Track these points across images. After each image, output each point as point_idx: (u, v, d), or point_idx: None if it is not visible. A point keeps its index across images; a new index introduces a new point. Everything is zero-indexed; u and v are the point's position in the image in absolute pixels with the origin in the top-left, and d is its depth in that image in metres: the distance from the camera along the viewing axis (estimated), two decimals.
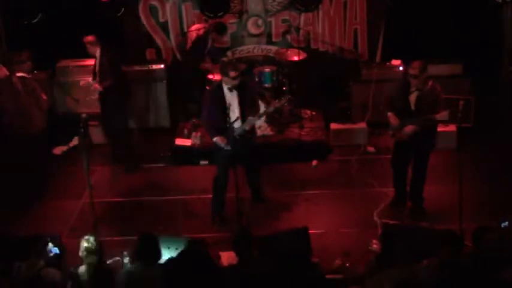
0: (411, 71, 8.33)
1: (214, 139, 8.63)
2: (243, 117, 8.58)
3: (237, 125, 8.51)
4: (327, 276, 6.74)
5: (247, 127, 8.63)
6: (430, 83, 8.36)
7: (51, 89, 11.30)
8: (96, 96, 10.16)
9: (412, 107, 8.39)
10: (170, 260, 6.52)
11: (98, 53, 9.96)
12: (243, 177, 8.97)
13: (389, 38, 11.46)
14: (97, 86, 9.97)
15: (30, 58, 10.21)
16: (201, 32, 10.87)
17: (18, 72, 9.93)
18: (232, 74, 8.49)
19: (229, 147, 8.52)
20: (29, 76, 10.14)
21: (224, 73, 8.54)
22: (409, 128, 8.37)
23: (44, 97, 10.22)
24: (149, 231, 6.78)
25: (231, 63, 9.10)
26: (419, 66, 8.28)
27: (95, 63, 10.11)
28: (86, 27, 10.98)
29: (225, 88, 8.60)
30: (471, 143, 9.66)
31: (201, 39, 10.88)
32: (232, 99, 8.60)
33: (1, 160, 9.64)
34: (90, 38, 9.90)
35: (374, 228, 8.45)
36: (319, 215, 8.93)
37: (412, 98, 8.37)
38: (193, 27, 11.07)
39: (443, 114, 8.26)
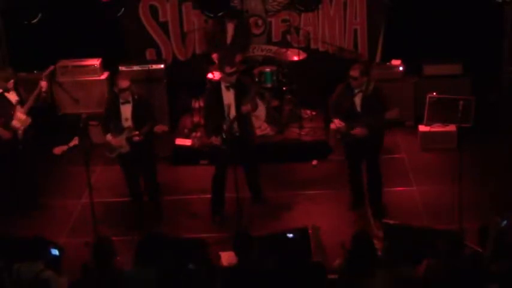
0: (351, 73, 8.35)
1: (211, 139, 8.65)
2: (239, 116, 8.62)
3: (235, 124, 8.56)
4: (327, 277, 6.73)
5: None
6: (373, 84, 8.36)
7: (51, 89, 11.29)
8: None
9: (358, 109, 8.39)
10: (170, 261, 6.51)
11: (131, 96, 8.69)
12: (243, 177, 8.98)
13: (390, 38, 11.45)
14: (137, 137, 8.56)
15: None
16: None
17: None
18: (227, 69, 8.52)
19: (225, 147, 8.53)
20: None
21: (220, 69, 8.58)
22: (358, 131, 8.37)
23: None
24: (150, 232, 6.77)
25: (227, 59, 9.10)
26: (360, 68, 8.32)
27: (110, 110, 8.69)
28: (86, 27, 11.02)
29: (223, 87, 8.61)
30: (471, 143, 9.66)
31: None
32: (230, 98, 8.61)
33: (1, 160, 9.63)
34: (125, 82, 8.64)
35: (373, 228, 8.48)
36: (319, 215, 8.93)
37: (357, 99, 8.38)
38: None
39: (393, 112, 8.27)
